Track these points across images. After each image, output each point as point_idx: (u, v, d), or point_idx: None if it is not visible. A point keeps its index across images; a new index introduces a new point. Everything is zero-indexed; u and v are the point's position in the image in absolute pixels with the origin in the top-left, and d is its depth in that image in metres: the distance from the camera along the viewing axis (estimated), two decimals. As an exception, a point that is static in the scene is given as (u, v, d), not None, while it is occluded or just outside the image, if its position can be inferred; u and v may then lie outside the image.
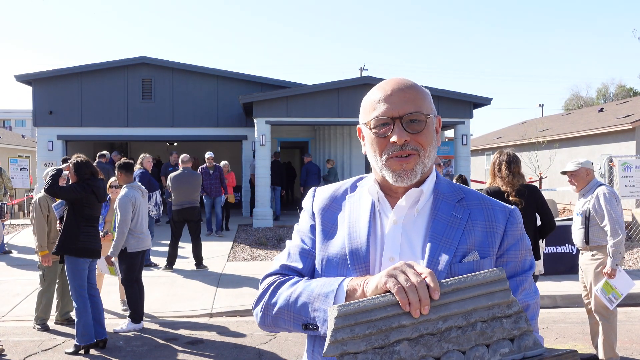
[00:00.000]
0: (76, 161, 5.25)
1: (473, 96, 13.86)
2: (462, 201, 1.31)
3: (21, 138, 29.18)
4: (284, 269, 1.35)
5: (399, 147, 1.25)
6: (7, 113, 54.28)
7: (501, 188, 4.27)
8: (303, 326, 1.21)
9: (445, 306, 1.06)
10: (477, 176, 23.44)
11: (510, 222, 1.29)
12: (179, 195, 8.59)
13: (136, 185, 6.06)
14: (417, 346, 1.04)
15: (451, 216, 1.28)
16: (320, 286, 1.21)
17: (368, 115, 1.30)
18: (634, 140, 16.14)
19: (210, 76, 15.64)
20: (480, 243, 1.25)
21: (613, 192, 4.65)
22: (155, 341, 5.49)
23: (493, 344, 1.05)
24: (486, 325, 1.06)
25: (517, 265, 1.27)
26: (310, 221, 1.39)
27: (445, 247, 1.23)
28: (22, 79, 15.38)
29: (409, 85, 1.29)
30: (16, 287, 7.52)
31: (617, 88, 45.37)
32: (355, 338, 1.03)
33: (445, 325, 1.05)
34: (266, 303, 1.28)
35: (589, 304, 4.76)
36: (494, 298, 1.08)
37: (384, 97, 1.27)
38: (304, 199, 1.46)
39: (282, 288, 1.27)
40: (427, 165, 1.28)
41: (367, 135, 1.32)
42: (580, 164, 4.73)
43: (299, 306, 1.21)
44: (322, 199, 1.41)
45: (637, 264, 8.90)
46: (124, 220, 5.69)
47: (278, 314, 1.25)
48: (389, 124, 1.26)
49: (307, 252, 1.36)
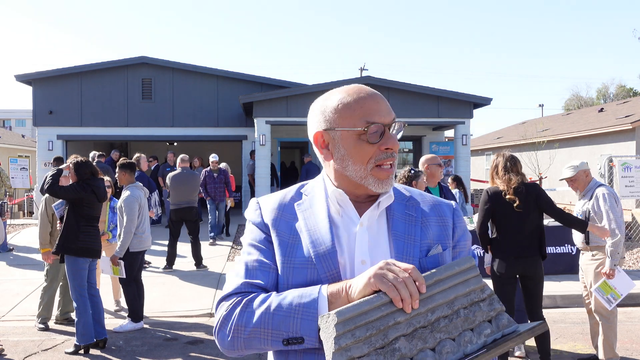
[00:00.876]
0: (76, 161, 5.27)
1: (473, 96, 13.86)
2: (410, 200, 1.36)
3: (21, 138, 29.20)
4: (246, 287, 1.25)
5: (389, 154, 1.26)
6: (7, 113, 54.28)
7: (499, 188, 4.28)
8: (284, 342, 1.15)
9: (430, 298, 1.11)
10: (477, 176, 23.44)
11: (456, 216, 1.38)
12: (177, 195, 8.59)
13: (139, 185, 6.09)
14: (413, 340, 1.08)
15: (406, 215, 1.32)
16: (298, 297, 1.17)
17: (354, 120, 1.26)
18: (634, 140, 16.14)
19: (210, 76, 15.64)
20: (438, 237, 1.32)
21: (612, 192, 4.65)
22: (155, 341, 5.49)
23: (476, 327, 1.14)
24: (467, 311, 1.15)
25: (465, 254, 1.37)
26: (263, 234, 1.32)
27: (410, 244, 1.28)
28: (22, 79, 15.37)
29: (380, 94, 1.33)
30: (16, 286, 7.52)
31: (617, 88, 45.37)
32: (358, 342, 1.04)
33: (434, 316, 1.11)
34: (236, 325, 1.19)
35: (589, 304, 4.76)
36: (469, 284, 1.16)
37: (372, 104, 1.27)
38: (248, 211, 1.38)
39: (252, 306, 1.19)
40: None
41: (348, 141, 1.27)
42: (576, 168, 4.71)
43: (277, 322, 1.15)
44: (271, 210, 1.34)
45: (637, 264, 8.89)
46: (131, 220, 5.71)
47: (252, 334, 1.18)
48: (381, 132, 1.26)
49: (267, 266, 1.27)
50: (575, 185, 4.74)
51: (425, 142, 15.77)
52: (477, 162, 24.93)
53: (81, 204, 5.16)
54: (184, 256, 9.14)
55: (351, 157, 1.27)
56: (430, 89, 13.64)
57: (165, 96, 15.51)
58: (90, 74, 15.44)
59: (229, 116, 15.56)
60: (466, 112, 13.83)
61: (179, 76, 15.56)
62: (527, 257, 4.22)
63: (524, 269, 4.24)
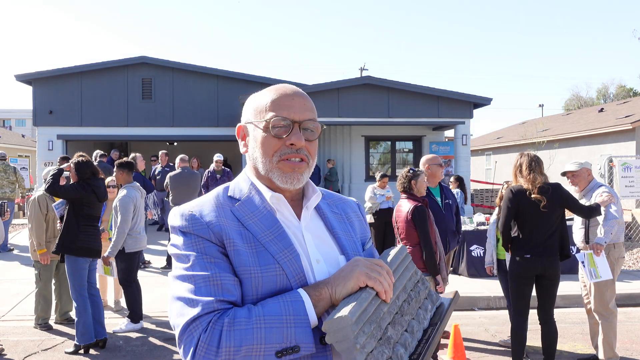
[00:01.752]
0: (77, 161, 5.27)
1: (473, 96, 13.86)
2: (326, 198, 1.43)
3: (21, 138, 29.21)
4: (219, 304, 1.14)
5: (294, 150, 1.27)
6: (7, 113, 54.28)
7: (523, 186, 4.25)
8: (278, 354, 1.10)
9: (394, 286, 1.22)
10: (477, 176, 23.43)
11: (361, 210, 1.52)
12: (178, 195, 8.59)
13: (136, 185, 6.07)
14: (396, 326, 1.18)
15: (333, 213, 1.40)
16: (281, 308, 1.13)
17: (263, 114, 1.29)
18: (634, 140, 16.14)
19: (210, 76, 15.64)
20: (361, 230, 1.44)
21: (613, 192, 4.67)
22: (155, 341, 5.49)
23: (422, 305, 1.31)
24: (414, 292, 1.30)
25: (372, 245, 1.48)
26: (212, 245, 1.21)
27: (349, 240, 1.36)
28: (22, 79, 15.37)
29: (305, 94, 1.34)
30: (16, 286, 7.51)
31: (617, 88, 45.38)
32: (368, 337, 1.09)
33: (399, 302, 1.23)
34: (225, 347, 1.08)
35: (589, 304, 4.76)
36: (410, 269, 1.33)
37: (286, 100, 1.29)
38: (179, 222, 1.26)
39: (238, 324, 1.10)
40: (310, 174, 1.34)
41: (257, 134, 1.30)
42: (581, 164, 4.74)
43: (270, 335, 1.10)
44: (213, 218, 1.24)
45: (637, 264, 8.90)
46: (125, 220, 5.69)
47: (246, 353, 1.09)
48: (288, 127, 1.27)
49: (232, 279, 1.18)
50: (576, 180, 4.74)
51: (425, 142, 15.76)
52: (477, 162, 24.92)
53: (81, 204, 5.16)
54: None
55: (259, 149, 1.30)
56: (430, 89, 13.64)
57: (165, 96, 15.51)
58: (90, 74, 15.43)
59: (229, 116, 15.56)
60: (466, 112, 13.83)
61: (179, 76, 15.56)
62: (548, 257, 4.20)
63: (544, 268, 4.20)
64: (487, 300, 6.90)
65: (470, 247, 8.06)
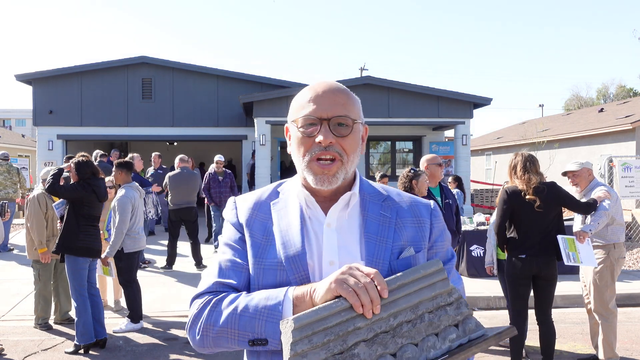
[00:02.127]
0: (77, 161, 5.27)
1: (473, 96, 13.86)
2: (387, 200, 1.34)
3: (21, 137, 29.21)
4: (218, 286, 1.26)
5: (323, 147, 1.25)
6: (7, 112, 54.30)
7: (518, 187, 4.25)
8: (250, 342, 1.16)
9: (394, 303, 1.10)
10: (477, 177, 23.43)
11: (434, 216, 1.36)
12: (177, 195, 8.58)
13: (134, 185, 6.06)
14: (373, 346, 1.07)
15: (381, 215, 1.31)
16: (265, 299, 1.17)
17: (296, 113, 1.30)
18: (634, 140, 16.14)
19: (210, 76, 15.65)
20: (412, 238, 1.30)
21: (612, 191, 4.67)
22: (154, 341, 5.49)
23: (441, 332, 1.12)
24: (433, 315, 1.13)
25: (443, 256, 1.34)
26: (238, 233, 1.33)
27: (381, 246, 1.26)
28: (22, 79, 15.38)
29: (340, 89, 1.30)
30: (16, 286, 7.51)
31: (617, 88, 45.39)
32: (315, 348, 1.03)
33: (397, 321, 1.09)
34: (204, 324, 1.20)
35: (589, 304, 4.76)
36: (435, 288, 1.14)
37: (314, 97, 1.28)
38: (226, 210, 1.39)
39: (221, 306, 1.20)
40: (349, 172, 1.29)
41: (294, 133, 1.31)
42: (581, 164, 4.74)
43: (243, 323, 1.16)
44: (247, 209, 1.35)
45: (637, 264, 8.90)
46: (123, 220, 5.68)
47: (220, 333, 1.19)
48: (317, 125, 1.26)
49: (240, 266, 1.28)
50: (577, 180, 4.75)
51: (425, 142, 15.77)
52: (477, 162, 24.92)
53: (81, 204, 5.16)
54: (185, 256, 9.14)
55: (295, 148, 1.31)
56: (430, 89, 13.64)
57: (165, 96, 15.51)
58: (90, 74, 15.44)
59: (229, 116, 15.56)
60: (466, 112, 13.83)
61: (179, 76, 15.56)
62: (544, 257, 4.19)
63: (540, 269, 4.19)
64: (487, 300, 6.91)
65: (470, 247, 8.07)
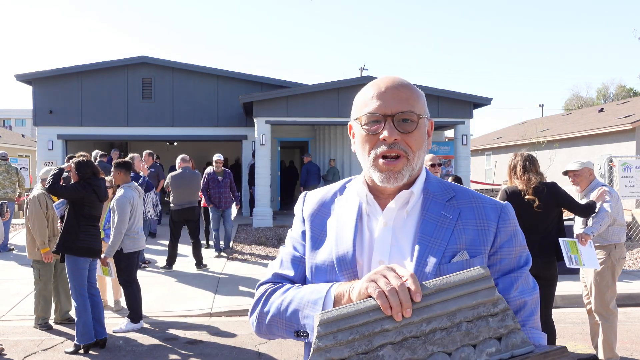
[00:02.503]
0: (78, 160, 5.27)
1: (473, 96, 13.85)
2: (452, 200, 1.28)
3: (21, 137, 29.22)
4: (276, 277, 1.35)
5: (388, 145, 1.22)
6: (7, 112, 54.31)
7: (518, 187, 4.26)
8: (295, 333, 1.21)
9: (428, 308, 1.05)
10: (477, 177, 23.44)
11: (502, 219, 1.26)
12: (179, 195, 8.58)
13: (133, 185, 6.05)
14: (401, 350, 1.03)
15: (441, 216, 1.25)
16: (309, 293, 1.21)
17: (360, 111, 1.28)
18: (634, 140, 16.14)
19: (210, 76, 15.64)
20: (472, 241, 1.23)
21: (614, 191, 4.67)
22: (154, 341, 5.49)
23: (479, 344, 1.04)
24: (471, 325, 1.05)
25: (511, 262, 1.25)
26: (302, 227, 1.38)
27: (433, 248, 1.21)
28: (22, 79, 15.37)
29: (404, 84, 1.27)
30: (16, 286, 7.51)
31: (617, 88, 45.39)
32: (339, 345, 1.03)
33: (429, 327, 1.04)
34: (260, 312, 1.29)
35: (589, 304, 4.76)
36: (478, 297, 1.06)
37: (377, 94, 1.25)
38: (296, 205, 1.44)
39: (273, 296, 1.28)
40: (415, 169, 1.26)
41: (357, 131, 1.29)
42: (582, 164, 4.72)
43: (289, 314, 1.22)
44: (312, 204, 1.39)
45: (637, 264, 8.90)
46: (122, 220, 5.68)
47: (271, 322, 1.26)
48: (381, 122, 1.23)
49: (298, 259, 1.35)
50: (578, 180, 4.73)
51: (425, 142, 15.75)
52: (477, 162, 24.93)
53: (82, 204, 5.16)
54: (185, 255, 9.14)
55: (359, 147, 1.29)
56: (430, 89, 13.63)
57: (165, 96, 15.51)
58: (91, 74, 15.44)
59: (229, 116, 15.56)
60: (466, 112, 13.83)
61: (179, 76, 15.56)
62: (544, 258, 4.18)
63: (539, 269, 4.17)
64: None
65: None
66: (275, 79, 15.68)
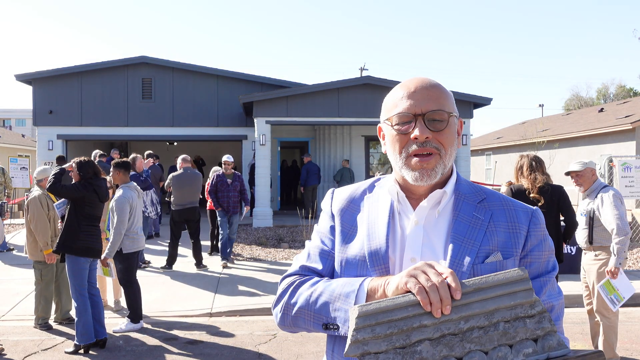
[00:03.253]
0: (79, 160, 5.28)
1: (473, 96, 13.85)
2: (483, 202, 1.30)
3: (21, 137, 29.21)
4: (304, 270, 1.34)
5: (420, 144, 1.23)
6: (7, 112, 54.31)
7: (524, 186, 4.30)
8: (324, 326, 1.20)
9: (467, 306, 1.05)
10: (477, 177, 23.43)
11: (533, 223, 1.28)
12: (181, 195, 8.56)
13: (132, 185, 6.04)
14: (438, 346, 1.03)
15: (473, 217, 1.26)
16: (342, 286, 1.20)
17: (390, 111, 1.29)
18: (634, 140, 16.14)
19: (210, 76, 15.64)
20: (503, 244, 1.24)
21: (617, 193, 4.60)
22: (154, 341, 5.49)
23: (516, 344, 1.05)
24: (509, 325, 1.06)
25: (540, 266, 1.26)
26: (330, 222, 1.38)
27: (467, 248, 1.22)
28: (22, 79, 15.37)
29: (433, 83, 1.28)
30: (16, 286, 7.51)
31: (617, 88, 45.37)
32: (377, 338, 1.04)
33: (467, 325, 1.04)
34: (286, 303, 1.28)
35: (590, 304, 4.76)
36: (516, 298, 1.07)
37: (407, 94, 1.26)
38: (323, 200, 1.45)
39: (302, 288, 1.27)
40: (447, 166, 1.27)
41: (388, 132, 1.30)
42: (584, 164, 4.67)
43: (319, 306, 1.21)
44: (341, 200, 1.40)
45: (637, 264, 8.90)
46: (121, 221, 5.67)
47: (298, 313, 1.25)
48: (411, 121, 1.24)
49: (326, 253, 1.35)
50: (580, 180, 4.69)
51: (425, 142, 15.75)
52: (477, 162, 24.92)
53: (83, 204, 5.16)
54: (185, 255, 9.14)
55: (390, 147, 1.30)
56: (430, 89, 13.64)
57: (165, 96, 15.51)
58: (91, 74, 15.43)
59: (229, 116, 15.55)
60: (466, 112, 13.82)
61: (179, 76, 15.56)
62: None
63: None
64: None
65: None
66: (275, 79, 15.68)
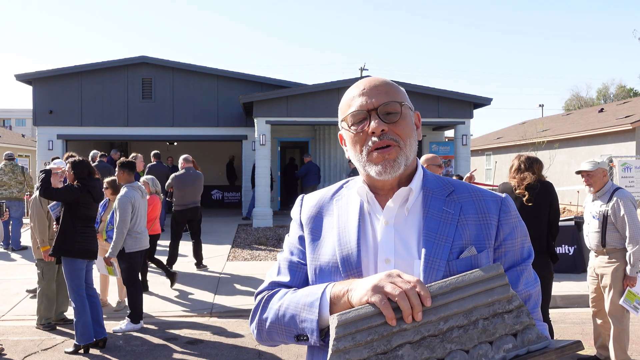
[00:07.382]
0: (74, 160, 5.22)
1: (473, 96, 13.85)
2: (451, 195, 1.27)
3: (21, 137, 29.18)
4: (273, 286, 1.33)
5: (377, 137, 1.22)
6: (7, 112, 54.29)
7: (510, 184, 4.36)
8: (295, 338, 1.19)
9: (445, 306, 1.05)
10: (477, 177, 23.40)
11: (503, 211, 1.25)
12: (183, 196, 8.54)
13: (136, 185, 6.05)
14: (419, 349, 1.03)
15: (443, 212, 1.24)
16: (305, 296, 1.19)
17: (344, 112, 1.29)
18: (634, 140, 16.14)
19: (210, 76, 15.63)
20: (476, 237, 1.22)
21: (631, 196, 4.51)
22: (154, 341, 5.49)
23: (496, 341, 1.05)
24: (488, 322, 1.06)
25: (515, 254, 1.25)
26: (299, 232, 1.36)
27: (440, 245, 1.20)
28: (22, 78, 15.36)
29: (382, 80, 1.29)
30: (16, 286, 7.51)
31: (617, 88, 45.37)
32: (357, 345, 1.03)
33: (447, 325, 1.04)
34: (259, 319, 1.28)
35: (595, 307, 4.71)
36: (493, 294, 1.07)
37: (358, 93, 1.27)
38: (293, 208, 1.42)
39: (271, 302, 1.26)
40: (409, 158, 1.25)
41: (347, 135, 1.29)
42: (596, 164, 4.55)
43: (287, 319, 1.20)
44: (310, 207, 1.37)
45: (637, 264, 8.90)
46: (123, 220, 5.67)
47: (271, 328, 1.24)
48: (366, 118, 1.24)
49: (295, 265, 1.33)
50: (591, 181, 4.57)
51: (425, 142, 15.76)
52: (477, 162, 24.92)
53: (77, 205, 5.11)
54: (185, 255, 9.14)
55: (352, 149, 1.29)
56: (430, 89, 13.64)
57: (165, 96, 15.50)
58: (91, 74, 15.43)
59: (229, 116, 15.55)
60: (466, 112, 13.82)
61: (179, 76, 15.55)
62: (538, 258, 4.08)
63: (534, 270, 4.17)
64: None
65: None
66: (275, 79, 15.68)
